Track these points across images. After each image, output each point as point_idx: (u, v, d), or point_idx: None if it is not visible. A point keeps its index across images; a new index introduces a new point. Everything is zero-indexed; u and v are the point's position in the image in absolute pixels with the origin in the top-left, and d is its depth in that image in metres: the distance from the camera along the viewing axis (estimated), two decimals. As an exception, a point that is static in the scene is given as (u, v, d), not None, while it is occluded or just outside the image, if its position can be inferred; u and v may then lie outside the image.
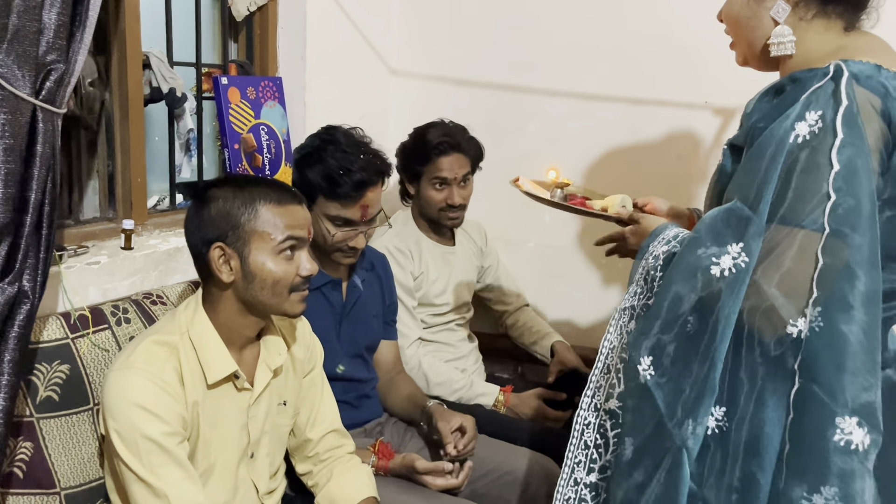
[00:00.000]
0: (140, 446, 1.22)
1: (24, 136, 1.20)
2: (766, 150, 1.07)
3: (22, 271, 1.22)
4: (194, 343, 1.32)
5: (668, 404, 1.13)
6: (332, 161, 1.65)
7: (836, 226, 1.02)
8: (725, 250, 1.08)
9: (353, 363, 1.79)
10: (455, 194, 2.06)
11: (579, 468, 1.29)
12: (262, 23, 2.19)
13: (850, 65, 1.06)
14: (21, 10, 1.17)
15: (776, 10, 1.17)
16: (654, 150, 2.21)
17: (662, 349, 1.14)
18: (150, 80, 1.86)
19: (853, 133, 1.02)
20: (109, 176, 1.81)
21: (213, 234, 1.30)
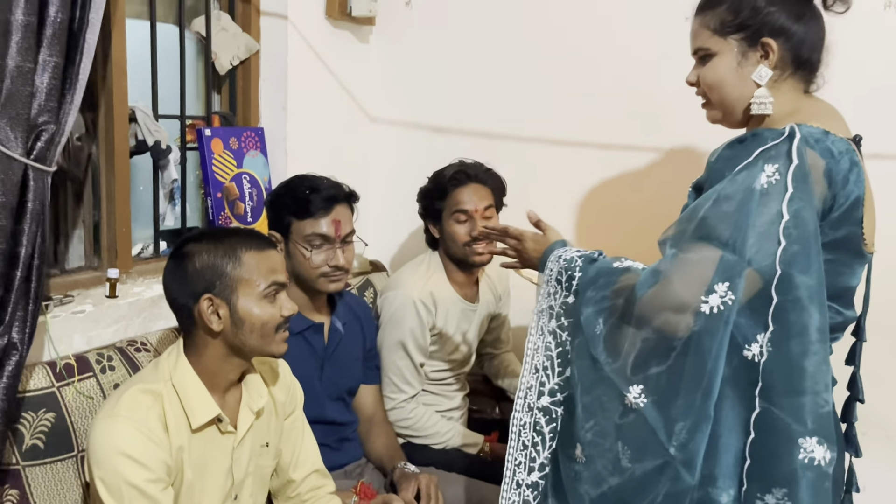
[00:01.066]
0: (123, 493, 1.26)
1: (15, 194, 1.26)
2: (735, 197, 1.17)
3: (11, 323, 1.27)
4: (177, 389, 1.36)
5: (664, 430, 1.19)
6: (300, 186, 1.76)
7: (785, 268, 1.13)
8: (712, 289, 1.15)
9: (334, 406, 1.83)
10: (478, 226, 1.99)
11: (520, 469, 1.37)
12: (244, 75, 2.27)
13: (802, 128, 1.18)
14: (15, 74, 1.24)
15: (758, 74, 1.28)
16: (623, 193, 2.30)
17: (654, 379, 1.21)
18: (135, 132, 1.92)
19: (801, 188, 1.14)
20: (95, 225, 1.86)
21: (201, 287, 1.36)
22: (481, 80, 2.45)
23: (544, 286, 1.39)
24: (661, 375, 1.20)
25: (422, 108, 2.55)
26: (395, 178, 2.59)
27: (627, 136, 2.26)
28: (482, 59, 2.44)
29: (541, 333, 1.39)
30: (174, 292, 1.40)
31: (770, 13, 1.27)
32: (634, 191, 2.29)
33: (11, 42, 1.23)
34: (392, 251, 2.65)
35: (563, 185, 2.37)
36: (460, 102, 2.49)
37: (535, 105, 2.39)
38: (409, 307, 2.00)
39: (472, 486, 1.86)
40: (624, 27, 2.24)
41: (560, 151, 2.37)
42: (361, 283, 2.34)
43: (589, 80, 2.30)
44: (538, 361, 1.37)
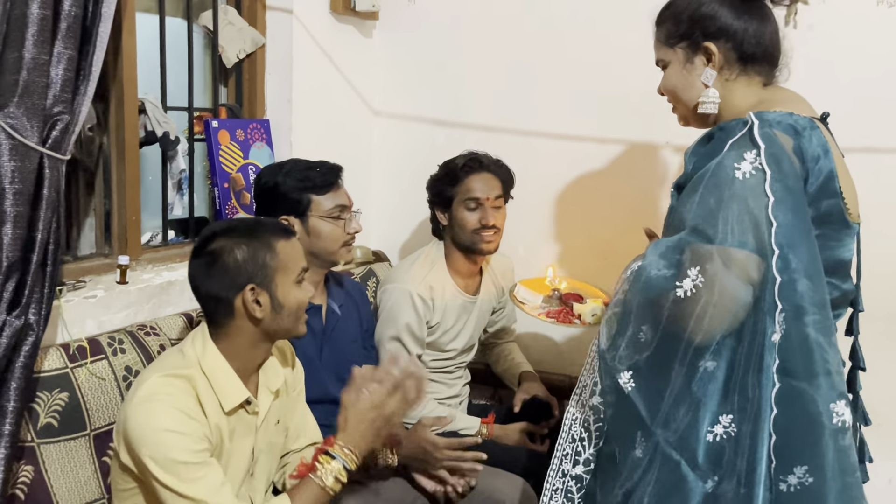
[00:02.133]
0: (177, 465, 1.30)
1: (31, 182, 1.31)
2: (717, 190, 1.22)
3: (28, 305, 1.32)
4: (207, 375, 1.41)
5: (649, 410, 1.27)
6: (298, 167, 1.82)
7: (780, 248, 1.19)
8: (686, 274, 1.22)
9: (337, 386, 1.87)
10: (489, 214, 2.05)
11: (566, 460, 1.41)
12: (250, 68, 2.32)
13: (763, 114, 1.25)
14: (31, 66, 1.29)
15: (705, 76, 1.37)
16: (621, 186, 2.34)
17: (638, 364, 1.29)
18: (145, 124, 1.97)
19: (778, 168, 1.21)
20: (106, 214, 1.92)
21: (243, 279, 1.41)
22: (483, 74, 2.49)
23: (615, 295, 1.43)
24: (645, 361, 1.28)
25: (424, 102, 2.59)
26: (397, 170, 2.64)
27: (624, 131, 2.31)
28: (484, 54, 2.48)
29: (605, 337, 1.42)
30: (213, 287, 1.42)
31: (708, 17, 1.35)
32: (629, 184, 2.33)
33: (28, 35, 1.28)
34: (394, 242, 2.70)
35: (561, 177, 2.42)
36: (462, 96, 2.53)
37: (535, 99, 2.43)
38: (406, 301, 2.04)
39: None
40: (623, 24, 2.27)
41: (558, 145, 2.41)
42: (364, 273, 2.39)
43: (588, 75, 2.34)
44: (595, 363, 1.41)
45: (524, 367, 2.34)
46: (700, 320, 1.22)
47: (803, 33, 2.03)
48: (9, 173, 1.27)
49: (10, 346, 1.29)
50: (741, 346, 1.22)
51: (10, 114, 1.27)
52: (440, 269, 2.14)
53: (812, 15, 2.04)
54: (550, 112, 2.41)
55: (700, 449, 1.24)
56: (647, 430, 1.27)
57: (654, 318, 1.27)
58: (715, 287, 1.20)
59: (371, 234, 2.67)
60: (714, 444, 1.24)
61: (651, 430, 1.27)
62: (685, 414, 1.25)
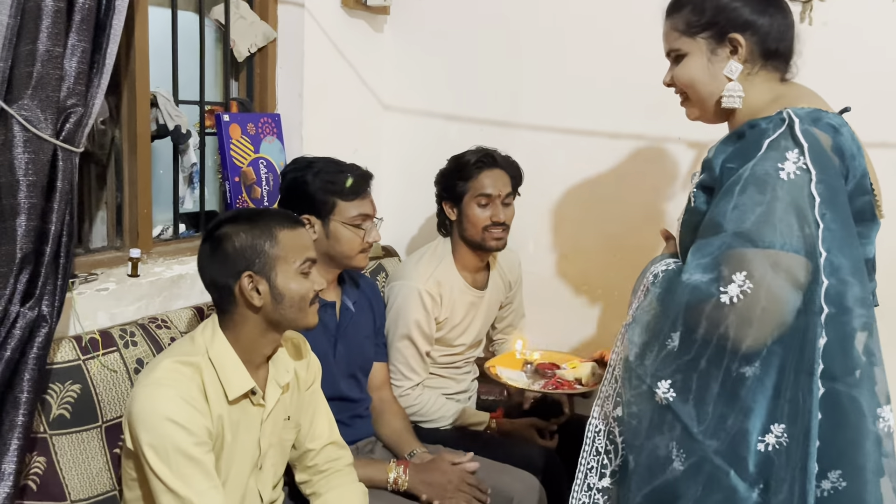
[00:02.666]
0: (171, 457, 1.31)
1: (45, 174, 1.32)
2: (761, 191, 1.18)
3: (41, 297, 1.33)
4: (214, 363, 1.42)
5: (694, 420, 1.22)
6: (329, 169, 1.81)
7: (828, 250, 1.16)
8: (731, 279, 1.17)
9: (348, 383, 1.88)
10: (500, 212, 2.06)
11: (592, 473, 1.39)
12: (261, 63, 2.32)
13: (797, 111, 1.21)
14: (45, 59, 1.30)
15: (729, 69, 1.32)
16: (632, 181, 2.33)
17: (678, 373, 1.24)
18: (156, 117, 1.98)
19: (822, 168, 1.17)
20: (117, 207, 1.92)
21: (242, 265, 1.42)
22: (494, 68, 2.48)
23: (635, 302, 1.40)
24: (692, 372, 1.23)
25: (435, 97, 2.59)
26: (407, 165, 2.64)
27: (636, 125, 2.30)
28: (495, 49, 2.48)
29: (626, 346, 1.38)
30: (215, 273, 1.45)
31: (734, 9, 1.31)
32: (640, 180, 2.32)
33: (42, 27, 1.28)
34: (405, 237, 2.70)
35: (574, 172, 2.41)
36: (473, 91, 2.53)
37: (546, 94, 2.42)
38: (414, 298, 2.04)
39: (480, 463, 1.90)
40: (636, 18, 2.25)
41: (569, 140, 2.40)
42: (374, 268, 2.39)
43: (600, 69, 2.33)
44: (619, 372, 1.38)
45: None
46: (748, 327, 1.17)
47: (818, 30, 2.01)
48: (23, 165, 1.28)
49: (23, 337, 1.30)
50: (791, 352, 1.18)
51: (24, 106, 1.28)
52: (447, 264, 2.14)
53: (827, 12, 2.02)
54: (562, 106, 2.41)
55: (750, 458, 1.20)
56: (691, 440, 1.23)
57: (694, 326, 1.22)
58: (763, 292, 1.16)
59: (381, 229, 2.66)
60: (765, 454, 1.20)
61: (697, 441, 1.22)
62: (733, 423, 1.20)
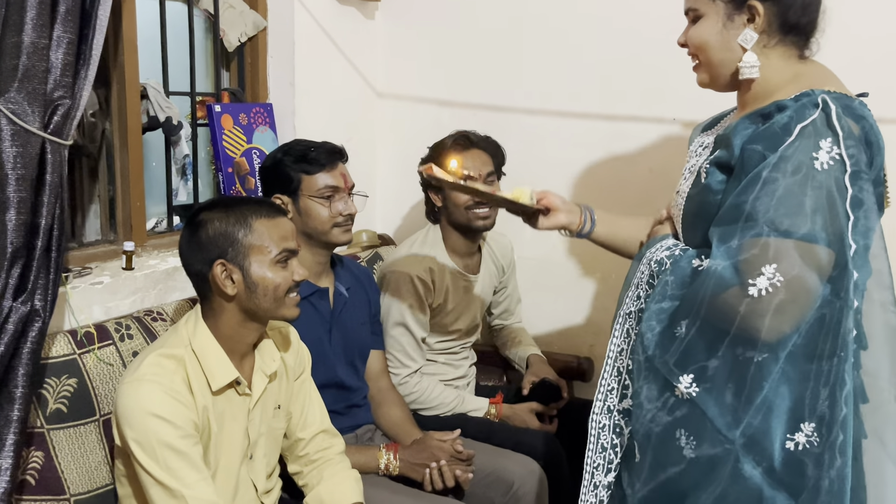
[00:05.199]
0: (157, 451, 1.31)
1: (34, 167, 1.30)
2: (794, 180, 1.14)
3: (34, 291, 1.32)
4: (197, 354, 1.42)
5: (717, 414, 1.19)
6: (297, 147, 1.83)
7: (858, 242, 1.14)
8: (760, 271, 1.14)
9: (345, 371, 1.88)
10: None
11: (598, 472, 1.36)
12: (252, 52, 2.31)
13: (832, 97, 1.17)
14: (31, 50, 1.28)
15: (744, 37, 1.27)
16: (628, 164, 2.32)
17: (702, 366, 1.20)
18: (147, 109, 1.96)
19: (856, 159, 1.15)
20: (110, 200, 1.91)
21: (214, 253, 1.41)
22: (487, 53, 2.47)
23: (633, 289, 1.37)
24: (719, 366, 1.19)
25: (428, 83, 2.58)
26: (402, 152, 2.62)
27: (632, 107, 2.28)
28: (487, 33, 2.46)
29: (626, 336, 1.35)
30: (190, 259, 1.45)
31: None
32: (639, 161, 2.31)
33: (27, 19, 1.27)
34: (401, 225, 2.69)
35: (569, 156, 2.40)
36: (466, 76, 2.51)
37: (541, 78, 2.41)
38: (406, 284, 2.04)
39: (479, 449, 1.91)
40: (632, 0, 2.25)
41: (566, 123, 2.39)
42: (371, 257, 2.38)
43: (595, 51, 2.31)
44: (622, 364, 1.35)
45: (532, 349, 2.34)
46: (776, 319, 1.14)
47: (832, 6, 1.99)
48: (11, 159, 1.26)
49: (16, 331, 1.29)
50: (818, 345, 1.15)
51: (10, 99, 1.26)
52: (438, 250, 2.13)
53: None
54: (556, 90, 2.39)
55: (777, 455, 1.17)
56: (714, 435, 1.19)
57: (720, 317, 1.18)
58: (795, 285, 1.13)
59: (376, 217, 2.66)
60: (795, 453, 1.17)
61: (723, 435, 1.19)
62: (759, 417, 1.17)
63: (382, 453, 1.78)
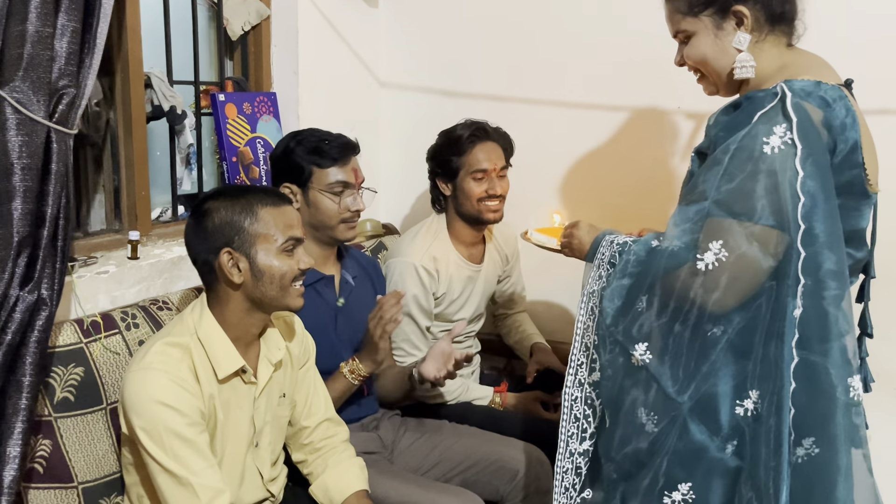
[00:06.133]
0: (164, 439, 1.32)
1: (39, 156, 1.30)
2: (744, 164, 1.21)
3: (40, 280, 1.32)
4: (203, 342, 1.42)
5: (669, 379, 1.28)
6: (311, 138, 1.81)
7: (807, 222, 1.18)
8: (707, 247, 1.22)
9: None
10: (496, 185, 2.06)
11: (573, 440, 1.43)
12: (256, 41, 2.30)
13: (792, 84, 1.22)
14: (35, 39, 1.28)
15: (738, 40, 1.32)
16: (631, 153, 2.32)
17: (655, 335, 1.29)
18: (151, 98, 1.96)
19: (809, 143, 1.19)
20: (115, 190, 1.91)
21: (220, 242, 1.41)
22: (490, 42, 2.46)
23: (595, 269, 1.43)
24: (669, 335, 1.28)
25: (431, 72, 2.57)
26: (405, 141, 2.62)
27: (635, 97, 2.28)
28: (490, 22, 2.45)
29: (591, 314, 1.43)
30: (196, 248, 1.45)
31: None
32: (641, 151, 2.31)
33: (31, 7, 1.26)
34: (404, 214, 2.69)
35: (572, 146, 2.40)
36: (470, 65, 2.50)
37: (544, 67, 2.40)
38: (411, 274, 2.04)
39: (484, 437, 1.92)
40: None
41: (568, 113, 2.38)
42: (375, 246, 2.39)
43: (597, 41, 2.30)
44: (588, 340, 1.42)
45: (536, 338, 2.34)
46: (719, 292, 1.22)
47: None
48: (16, 148, 1.26)
49: (23, 320, 1.29)
50: (761, 319, 1.22)
51: (15, 88, 1.26)
52: (443, 239, 2.14)
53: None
54: (560, 79, 2.38)
55: (724, 419, 1.25)
56: (665, 400, 1.28)
57: (670, 290, 1.27)
58: (738, 261, 1.21)
59: (380, 206, 2.66)
60: (741, 418, 1.25)
61: (671, 400, 1.27)
62: (706, 383, 1.25)
63: (343, 365, 1.76)
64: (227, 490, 1.37)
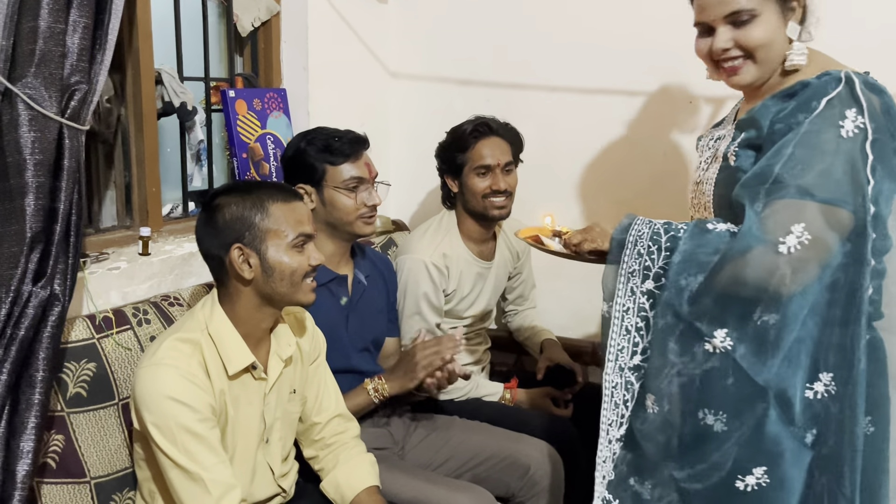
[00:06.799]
0: (176, 435, 1.33)
1: (52, 152, 1.31)
2: (819, 147, 1.23)
3: (53, 276, 1.33)
4: (213, 338, 1.42)
5: (751, 366, 1.26)
6: (321, 137, 1.80)
7: (875, 206, 1.23)
8: (789, 230, 1.22)
9: (360, 357, 1.88)
10: (500, 180, 2.04)
11: (612, 427, 1.42)
12: (266, 37, 2.30)
13: (853, 73, 1.27)
14: (47, 35, 1.28)
15: (791, 30, 1.35)
16: (642, 146, 2.30)
17: (736, 321, 1.27)
18: (162, 94, 1.96)
19: (877, 127, 1.23)
20: (126, 186, 1.92)
21: (231, 237, 1.41)
22: (500, 33, 2.45)
23: (632, 247, 1.39)
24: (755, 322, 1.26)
25: (442, 65, 2.56)
26: (416, 135, 2.61)
27: (647, 87, 2.26)
28: (501, 13, 2.44)
29: (631, 294, 1.39)
30: (207, 243, 1.46)
31: None
32: (650, 143, 2.29)
33: (43, 3, 1.26)
34: (414, 209, 2.69)
35: (584, 137, 2.39)
36: (480, 58, 2.49)
37: (556, 58, 2.39)
38: (421, 271, 2.04)
39: (495, 433, 1.91)
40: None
41: (580, 104, 2.37)
42: (384, 242, 2.38)
43: (609, 31, 2.29)
44: (629, 323, 1.39)
45: (546, 334, 2.34)
46: (801, 275, 1.23)
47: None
48: (29, 144, 1.27)
49: (36, 316, 1.30)
50: (837, 302, 1.24)
51: (28, 84, 1.26)
52: (453, 236, 2.13)
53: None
54: (570, 70, 2.37)
55: (797, 405, 1.26)
56: (747, 381, 1.26)
57: (750, 274, 1.25)
58: (819, 244, 1.22)
59: (390, 202, 2.65)
60: (814, 402, 1.26)
61: (753, 382, 1.26)
62: (783, 367, 1.26)
63: (367, 382, 1.77)
64: (238, 486, 1.37)
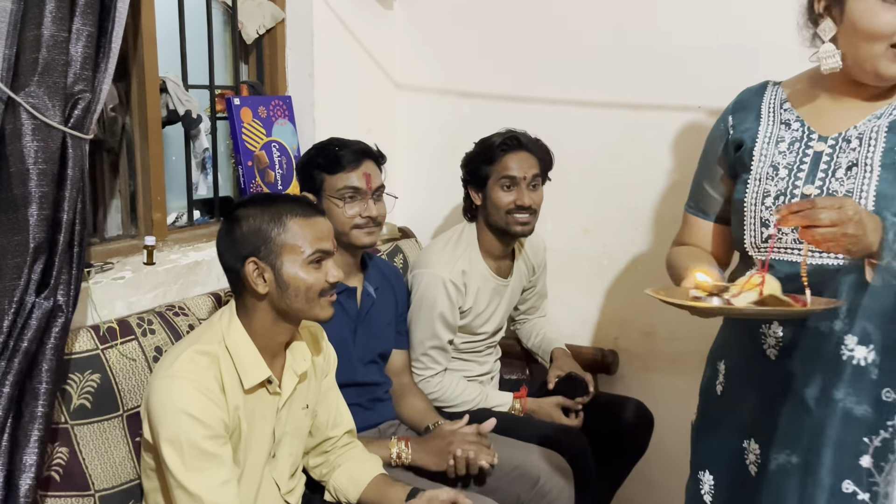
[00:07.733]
0: (185, 451, 1.31)
1: (55, 162, 1.29)
2: None
3: (56, 286, 1.31)
4: (230, 351, 1.40)
5: None
6: (329, 145, 1.82)
7: None
8: None
9: (366, 370, 1.86)
10: (525, 195, 2.00)
11: None
12: (271, 44, 2.29)
13: None
14: (50, 44, 1.27)
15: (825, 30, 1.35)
16: (651, 153, 2.28)
17: None
18: (167, 103, 1.95)
19: None
20: (131, 195, 1.91)
21: (247, 251, 1.39)
22: (506, 43, 2.44)
23: None
24: None
25: (447, 74, 2.55)
26: (421, 144, 2.60)
27: (656, 95, 2.24)
28: (506, 22, 2.43)
29: None
30: (225, 255, 1.44)
31: None
32: (661, 150, 2.27)
33: (46, 11, 1.25)
34: (421, 217, 2.67)
35: (593, 146, 2.37)
36: (485, 66, 2.48)
37: (562, 67, 2.37)
38: (438, 288, 2.01)
39: (504, 443, 1.89)
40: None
41: (588, 113, 2.35)
42: (391, 250, 2.37)
43: (616, 39, 2.28)
44: None
45: (556, 343, 2.31)
46: None
47: None
48: (32, 153, 1.25)
49: (39, 327, 1.28)
50: None
51: (31, 93, 1.25)
52: (473, 251, 2.10)
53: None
54: (577, 80, 2.36)
55: None
56: None
57: None
58: None
59: (396, 209, 2.63)
60: None
61: None
62: None
63: (394, 443, 1.76)
64: None
